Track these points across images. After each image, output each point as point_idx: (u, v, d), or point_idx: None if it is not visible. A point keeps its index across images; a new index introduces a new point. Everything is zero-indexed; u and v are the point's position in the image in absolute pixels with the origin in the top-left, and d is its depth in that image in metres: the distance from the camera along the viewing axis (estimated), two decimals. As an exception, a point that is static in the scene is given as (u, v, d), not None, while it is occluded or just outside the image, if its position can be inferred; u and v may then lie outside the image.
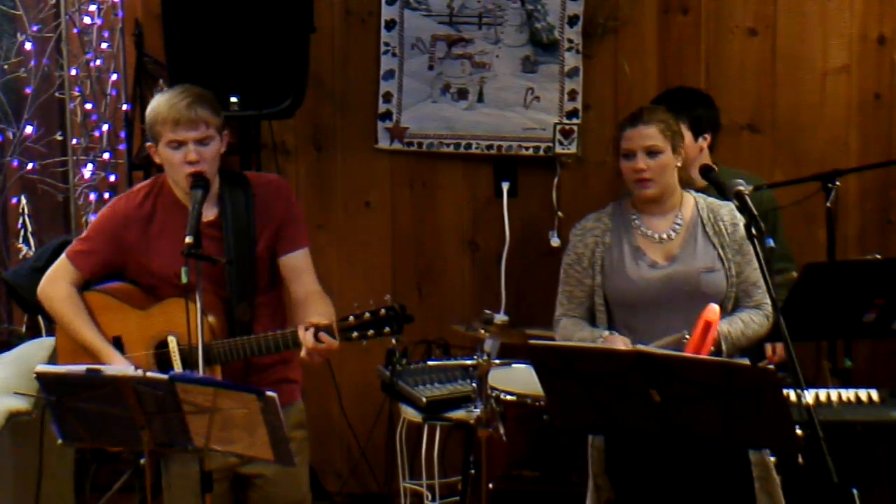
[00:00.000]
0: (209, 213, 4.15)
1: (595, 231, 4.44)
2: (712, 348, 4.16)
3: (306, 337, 3.93)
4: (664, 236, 4.38)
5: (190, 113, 4.04)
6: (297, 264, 4.20)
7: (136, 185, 4.31)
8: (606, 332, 4.34)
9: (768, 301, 4.34)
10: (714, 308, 4.10)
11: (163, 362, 4.11)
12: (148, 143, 4.16)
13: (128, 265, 4.21)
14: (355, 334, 3.96)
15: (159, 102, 4.10)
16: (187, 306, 3.86)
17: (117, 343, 4.16)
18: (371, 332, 3.96)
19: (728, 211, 4.38)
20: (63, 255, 4.25)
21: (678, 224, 4.38)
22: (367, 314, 3.95)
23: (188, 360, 4.03)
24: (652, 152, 4.32)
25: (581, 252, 4.44)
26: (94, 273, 4.23)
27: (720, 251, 4.34)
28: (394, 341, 4.04)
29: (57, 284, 4.21)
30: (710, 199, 4.43)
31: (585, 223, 4.49)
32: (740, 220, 4.31)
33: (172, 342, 4.08)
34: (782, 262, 5.03)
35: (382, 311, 3.95)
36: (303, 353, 3.97)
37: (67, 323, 4.19)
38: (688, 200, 4.44)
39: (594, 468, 4.32)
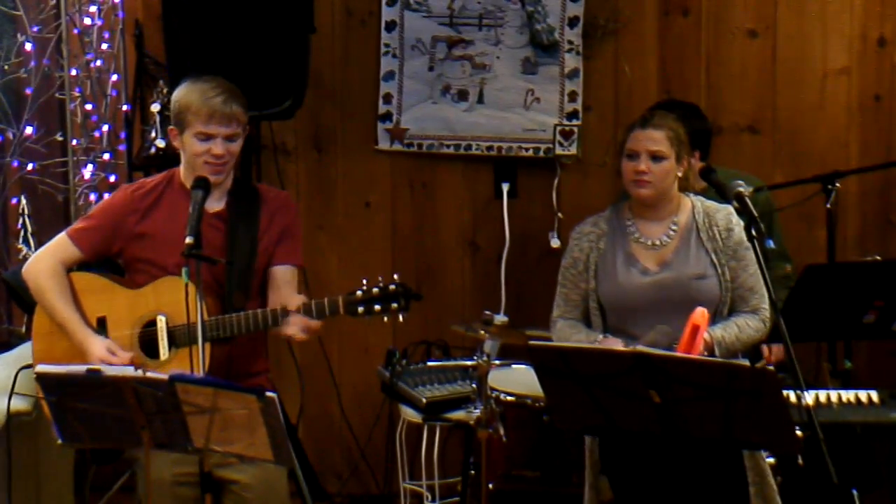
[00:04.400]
0: (217, 205, 4.20)
1: (591, 236, 4.45)
2: (704, 352, 4.16)
3: (294, 317, 3.96)
4: (657, 242, 4.38)
5: (225, 109, 4.09)
6: (286, 277, 4.24)
7: (147, 178, 4.32)
8: (601, 336, 4.35)
9: (765, 306, 4.35)
10: (702, 311, 4.10)
11: (146, 342, 4.10)
12: (170, 127, 4.17)
13: (125, 251, 4.22)
14: (361, 309, 3.95)
15: (191, 91, 4.13)
16: (187, 290, 3.84)
17: (101, 324, 4.15)
18: (378, 307, 3.94)
19: (724, 216, 4.37)
20: (62, 234, 4.26)
21: (673, 230, 4.39)
22: (375, 289, 3.94)
23: (175, 339, 4.01)
24: (656, 157, 4.32)
25: (577, 256, 4.46)
26: (92, 252, 4.23)
27: (713, 257, 4.34)
28: (400, 317, 3.99)
29: (46, 261, 4.23)
30: (708, 203, 4.43)
31: (583, 227, 4.50)
32: (737, 224, 4.32)
33: (161, 321, 4.07)
34: (779, 260, 5.03)
35: (391, 287, 3.94)
36: (289, 330, 3.98)
37: (47, 298, 4.19)
38: (685, 205, 4.43)
39: (590, 469, 4.32)
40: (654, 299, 4.32)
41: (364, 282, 3.97)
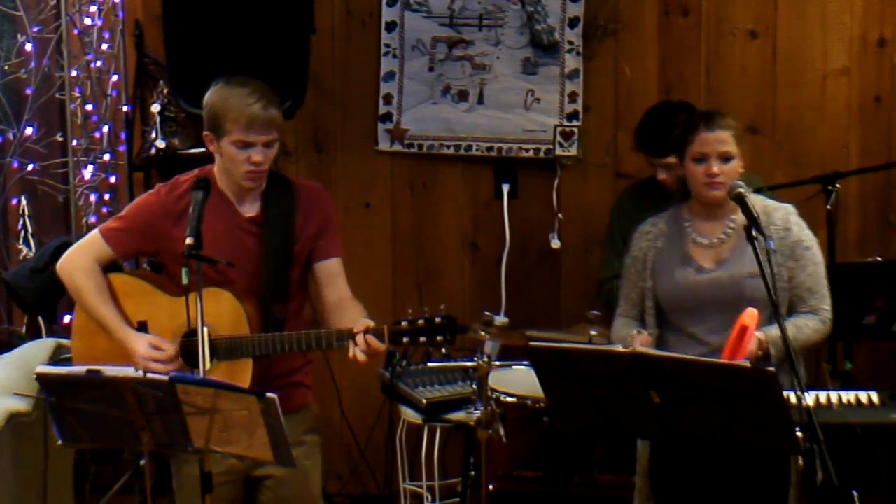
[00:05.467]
0: (252, 210, 4.16)
1: (649, 235, 4.44)
2: (759, 353, 4.12)
3: (359, 339, 3.92)
4: (714, 241, 4.34)
5: (265, 115, 4.01)
6: (332, 270, 4.20)
7: (181, 175, 4.25)
8: (635, 332, 4.34)
9: (825, 307, 4.29)
10: (752, 312, 4.04)
11: (187, 351, 4.10)
12: (204, 133, 4.12)
13: (161, 253, 4.21)
14: (406, 339, 3.94)
15: (229, 96, 4.04)
16: (187, 299, 3.82)
17: (142, 329, 4.14)
18: (423, 338, 3.93)
19: (782, 214, 4.33)
20: (95, 231, 4.22)
21: (730, 228, 4.34)
22: (421, 321, 3.92)
23: (217, 351, 4.00)
24: (726, 157, 4.29)
25: (636, 254, 4.45)
26: (124, 253, 4.22)
27: (768, 255, 4.30)
28: (443, 350, 4.00)
29: (80, 258, 4.17)
30: (767, 202, 4.38)
31: (643, 226, 4.49)
32: (795, 224, 4.29)
33: (203, 332, 4.04)
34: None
35: (437, 319, 3.93)
36: (351, 352, 3.94)
37: (85, 296, 4.14)
38: None
39: (640, 476, 4.31)
40: (709, 298, 4.27)
41: (409, 311, 3.96)
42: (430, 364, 5.15)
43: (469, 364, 4.84)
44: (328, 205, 4.26)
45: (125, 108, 5.93)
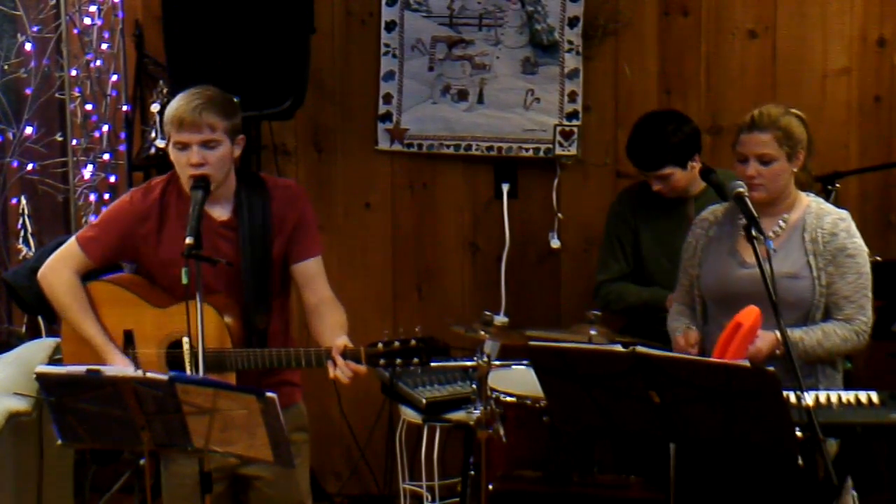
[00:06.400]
0: (223, 213, 4.14)
1: (704, 223, 4.44)
2: (777, 353, 4.08)
3: (339, 361, 3.93)
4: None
5: (194, 116, 4.00)
6: (310, 272, 4.18)
7: (153, 178, 4.26)
8: (683, 327, 4.34)
9: (862, 318, 4.29)
10: (752, 310, 4.02)
11: (174, 363, 4.09)
12: (164, 140, 4.16)
13: (139, 258, 4.21)
14: (382, 361, 3.95)
15: (175, 101, 4.08)
16: (188, 309, 3.83)
17: (128, 336, 4.14)
18: (399, 360, 3.94)
19: (832, 220, 4.31)
20: (72, 239, 4.22)
21: (780, 226, 4.31)
22: (397, 343, 3.93)
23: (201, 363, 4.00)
24: (764, 160, 4.27)
25: (691, 241, 4.46)
26: (102, 261, 4.21)
27: (810, 258, 4.26)
28: (419, 370, 4.02)
29: (60, 272, 4.18)
30: (824, 206, 4.35)
31: (705, 213, 4.49)
32: (843, 230, 4.26)
33: (187, 343, 4.05)
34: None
35: (413, 341, 3.94)
36: (331, 373, 3.96)
37: (69, 315, 4.16)
38: (800, 203, 4.36)
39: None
40: (747, 293, 4.22)
41: (385, 333, 3.97)
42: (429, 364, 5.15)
43: (469, 364, 4.84)
44: (303, 204, 4.23)
45: (125, 108, 5.92)
